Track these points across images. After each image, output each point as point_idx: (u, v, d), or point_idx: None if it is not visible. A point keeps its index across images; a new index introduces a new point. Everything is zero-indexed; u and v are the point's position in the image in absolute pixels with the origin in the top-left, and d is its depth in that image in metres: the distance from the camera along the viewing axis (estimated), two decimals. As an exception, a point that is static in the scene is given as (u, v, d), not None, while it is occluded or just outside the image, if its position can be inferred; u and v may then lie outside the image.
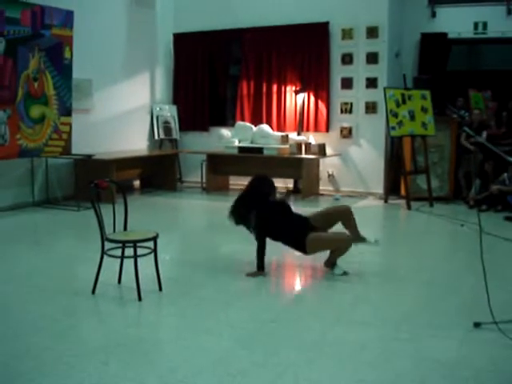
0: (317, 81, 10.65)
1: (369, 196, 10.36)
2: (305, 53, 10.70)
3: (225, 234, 7.55)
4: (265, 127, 10.72)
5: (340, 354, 3.75)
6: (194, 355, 3.73)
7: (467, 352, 3.80)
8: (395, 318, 4.41)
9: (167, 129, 11.63)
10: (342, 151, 10.62)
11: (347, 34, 10.42)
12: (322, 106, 10.65)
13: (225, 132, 10.96)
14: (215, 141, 11.09)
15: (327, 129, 10.67)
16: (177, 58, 11.94)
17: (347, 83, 10.53)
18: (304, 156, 10.03)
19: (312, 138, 10.68)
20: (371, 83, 10.33)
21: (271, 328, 4.24)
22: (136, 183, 11.29)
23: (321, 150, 10.15)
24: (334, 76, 10.61)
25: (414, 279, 5.51)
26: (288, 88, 10.90)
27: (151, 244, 4.88)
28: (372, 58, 10.28)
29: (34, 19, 8.20)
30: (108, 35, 10.23)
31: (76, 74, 9.02)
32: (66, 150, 8.99)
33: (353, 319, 4.42)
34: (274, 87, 11.01)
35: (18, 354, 3.71)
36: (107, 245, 4.85)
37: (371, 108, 10.37)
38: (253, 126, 10.85)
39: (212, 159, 10.89)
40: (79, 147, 9.18)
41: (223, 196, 10.61)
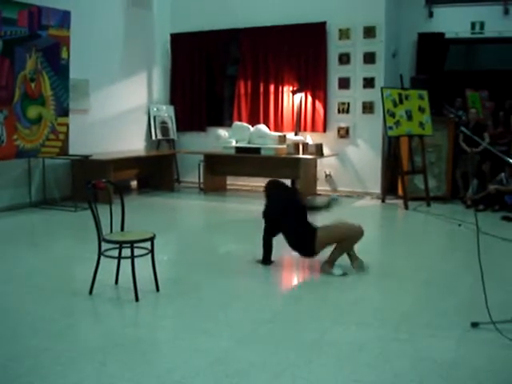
0: (314, 81, 10.65)
1: (366, 196, 10.36)
2: (302, 53, 10.69)
3: (222, 235, 7.55)
4: (262, 127, 10.71)
5: (338, 355, 3.74)
6: (192, 356, 3.72)
7: (465, 352, 3.80)
8: (393, 318, 4.41)
9: (164, 129, 11.62)
10: (340, 151, 10.62)
11: (344, 34, 10.43)
12: (320, 106, 10.65)
13: (222, 132, 10.95)
14: (212, 141, 11.08)
15: (324, 129, 10.67)
16: (174, 58, 11.92)
17: (344, 83, 10.54)
18: (301, 156, 10.03)
19: (309, 138, 10.68)
20: (368, 83, 10.33)
21: (269, 328, 4.24)
22: (133, 184, 11.27)
23: (318, 150, 10.15)
24: (331, 76, 10.61)
25: (412, 279, 5.51)
26: (285, 88, 10.90)
27: (148, 244, 4.87)
28: (369, 58, 10.29)
29: (31, 20, 8.18)
30: (105, 35, 10.21)
31: (73, 75, 9.00)
32: (63, 151, 8.97)
33: (351, 319, 4.41)
34: (272, 87, 11.01)
35: (16, 356, 3.70)
36: (104, 245, 4.85)
37: (368, 108, 10.37)
38: (250, 126, 10.84)
39: (209, 159, 10.88)
40: (76, 148, 9.16)
41: (220, 196, 10.62)
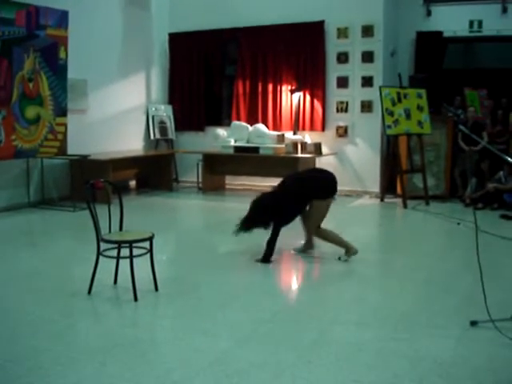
0: (312, 80, 10.65)
1: (365, 195, 10.36)
2: (300, 52, 10.69)
3: (221, 234, 7.54)
4: (261, 127, 10.70)
5: (338, 355, 3.74)
6: (191, 356, 3.72)
7: (464, 351, 3.80)
8: (393, 318, 4.40)
9: (163, 129, 11.61)
10: (338, 150, 10.62)
11: (342, 33, 10.42)
12: (318, 105, 10.65)
13: (221, 132, 10.95)
14: (211, 140, 11.08)
15: (323, 128, 10.67)
16: (172, 58, 11.92)
17: (343, 82, 10.53)
18: (300, 155, 10.03)
19: (308, 137, 10.67)
20: (367, 82, 10.33)
21: (269, 328, 4.23)
22: (132, 183, 11.27)
23: (317, 149, 10.15)
24: (330, 75, 10.60)
25: (411, 278, 5.50)
26: (284, 87, 10.90)
27: (147, 244, 4.87)
28: (367, 57, 10.28)
29: (29, 19, 8.17)
30: (103, 35, 10.20)
31: (71, 75, 9.00)
32: (62, 151, 8.96)
33: (350, 319, 4.41)
34: (270, 86, 11.01)
35: (16, 356, 3.69)
36: (103, 245, 4.84)
37: (367, 107, 10.37)
38: (249, 126, 10.83)
39: (208, 159, 10.88)
40: (75, 148, 9.15)
41: (219, 196, 10.61)
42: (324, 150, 10.39)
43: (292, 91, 10.75)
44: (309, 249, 6.44)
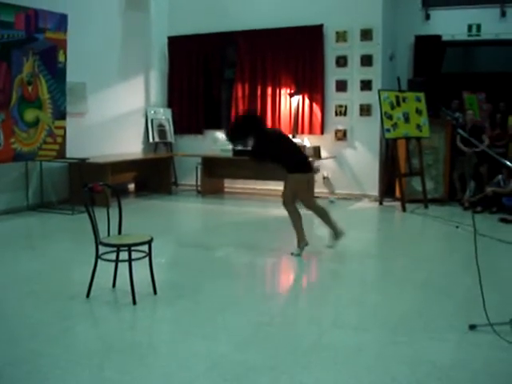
0: (311, 83, 10.66)
1: (364, 198, 10.36)
2: (299, 55, 10.71)
3: (220, 237, 7.54)
4: (260, 130, 10.69)
5: (336, 358, 3.74)
6: (190, 360, 3.71)
7: (463, 354, 3.79)
8: (391, 321, 4.40)
9: (162, 132, 11.61)
10: (337, 154, 10.62)
11: (341, 37, 10.44)
12: (317, 109, 10.66)
13: (220, 135, 10.95)
14: (210, 144, 11.09)
15: (322, 131, 10.68)
16: (171, 61, 11.93)
17: (342, 86, 10.54)
18: (299, 159, 10.01)
19: (307, 141, 10.67)
20: (366, 86, 10.34)
21: (267, 332, 4.23)
22: (131, 186, 11.26)
23: (316, 153, 10.15)
24: (329, 78, 10.62)
25: (410, 281, 5.50)
26: (282, 91, 10.91)
27: (146, 248, 4.87)
28: (366, 61, 10.30)
29: (28, 23, 8.17)
30: (102, 38, 10.20)
31: (70, 78, 9.00)
32: (61, 154, 8.96)
33: (349, 322, 4.41)
34: (269, 90, 11.02)
35: (14, 360, 3.69)
36: (102, 249, 4.84)
37: (366, 110, 10.38)
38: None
39: (207, 162, 10.87)
40: (74, 151, 9.14)
41: (218, 199, 10.61)
42: (323, 154, 10.40)
43: (291, 94, 10.76)
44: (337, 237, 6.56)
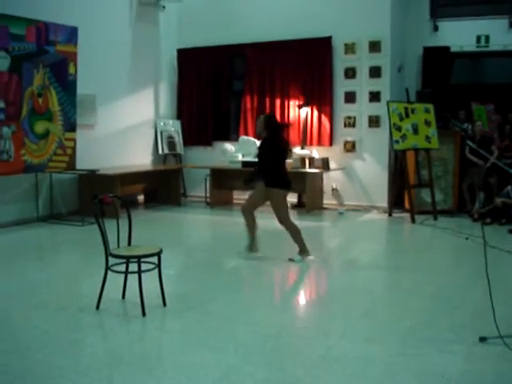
0: (320, 95, 10.69)
1: (373, 209, 10.34)
2: (308, 67, 10.74)
3: (229, 249, 7.54)
4: (268, 141, 10.71)
5: (345, 370, 3.73)
6: (198, 372, 3.71)
7: (473, 367, 3.77)
8: (400, 333, 4.39)
9: (171, 144, 11.66)
10: (346, 165, 10.63)
11: (350, 49, 10.47)
12: (326, 120, 10.67)
13: (229, 147, 10.99)
14: (219, 155, 11.12)
15: (331, 143, 10.69)
16: (181, 73, 11.99)
17: (350, 97, 10.56)
18: (308, 170, 10.04)
19: (315, 152, 10.69)
20: (374, 97, 10.35)
21: (275, 344, 4.22)
22: (140, 198, 11.30)
23: (324, 164, 10.17)
24: (337, 90, 10.64)
25: (419, 293, 5.49)
26: (291, 102, 10.93)
27: (155, 259, 4.88)
28: (375, 72, 10.32)
29: (39, 35, 8.25)
30: (112, 51, 10.28)
31: (80, 90, 9.07)
32: (71, 166, 9.01)
33: (358, 334, 4.40)
34: (278, 102, 11.05)
35: (23, 372, 3.70)
36: (111, 260, 4.86)
37: (374, 122, 10.39)
38: (256, 141, 10.86)
39: (216, 174, 10.90)
40: (83, 162, 9.19)
41: (227, 211, 10.61)
42: (332, 165, 10.41)
43: (300, 106, 10.78)
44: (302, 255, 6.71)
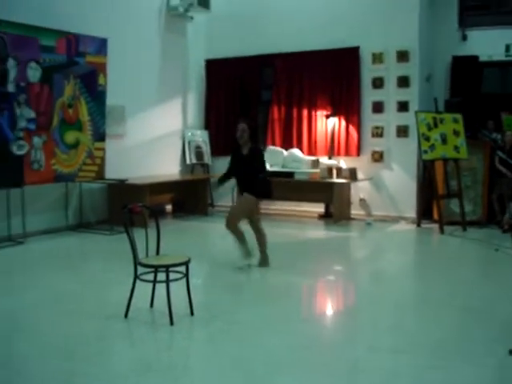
0: (347, 105, 10.67)
1: (401, 220, 10.27)
2: (335, 77, 10.74)
3: (255, 259, 7.54)
4: (296, 152, 10.74)
5: (373, 382, 3.70)
6: (225, 382, 3.72)
7: (502, 380, 3.73)
8: (429, 345, 4.34)
9: (199, 153, 11.72)
10: (374, 175, 10.58)
11: (378, 58, 10.44)
12: (353, 130, 10.65)
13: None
14: (246, 165, 11.12)
15: (358, 153, 10.65)
16: (209, 84, 12.07)
17: (378, 107, 10.53)
18: (335, 180, 10.02)
19: (343, 163, 10.65)
20: (402, 107, 10.30)
21: (303, 354, 4.21)
22: (168, 208, 11.36)
23: (352, 174, 10.13)
24: (365, 100, 10.61)
25: (448, 305, 5.43)
26: (319, 112, 10.93)
27: (183, 268, 4.91)
28: (403, 82, 10.27)
29: (69, 47, 8.38)
30: (141, 62, 10.39)
31: (109, 100, 9.18)
32: (100, 175, 9.11)
33: (386, 346, 4.36)
34: (305, 112, 11.05)
35: (52, 379, 3.74)
36: (140, 269, 4.89)
37: (403, 132, 10.33)
38: (284, 151, 10.88)
39: (243, 183, 10.91)
40: (112, 172, 9.29)
41: (254, 220, 10.60)
42: (359, 175, 10.37)
43: (327, 116, 10.77)
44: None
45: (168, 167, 11.35)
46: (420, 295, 6.02)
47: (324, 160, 10.56)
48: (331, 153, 10.78)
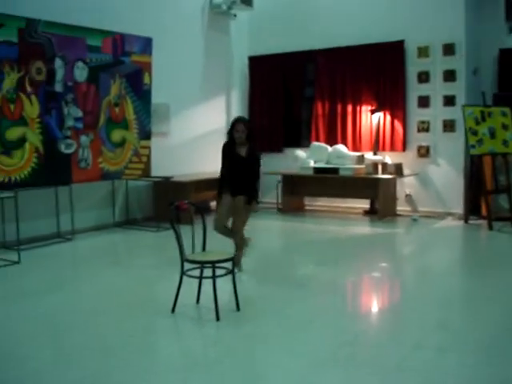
0: (392, 100, 10.55)
1: (448, 216, 10.11)
2: (380, 72, 10.62)
3: (301, 255, 7.55)
4: (340, 147, 10.67)
5: (420, 380, 3.66)
6: (270, 377, 3.72)
7: (556, 379, 3.64)
8: (478, 344, 4.27)
9: (243, 150, 11.73)
10: (420, 171, 10.44)
11: (423, 52, 10.29)
12: (398, 125, 10.53)
13: (300, 153, 10.98)
14: (289, 162, 11.11)
15: (404, 148, 10.53)
16: (252, 81, 12.08)
17: (424, 101, 10.38)
18: (380, 176, 9.93)
19: (388, 158, 10.55)
20: (449, 101, 10.13)
21: (349, 351, 4.19)
22: (212, 204, 11.41)
23: (398, 170, 10.02)
24: (410, 94, 10.48)
25: (497, 302, 5.32)
26: (363, 108, 10.84)
27: (229, 264, 4.94)
28: (449, 76, 10.11)
29: (115, 47, 8.50)
30: (184, 60, 10.48)
31: (154, 99, 9.28)
32: (146, 173, 9.22)
33: (433, 344, 4.30)
34: (349, 107, 10.97)
35: (101, 372, 3.81)
36: (186, 265, 4.94)
37: (449, 126, 10.16)
38: (328, 147, 10.83)
39: (287, 180, 10.93)
40: (158, 169, 9.38)
41: (299, 217, 10.61)
42: (405, 171, 10.24)
43: (372, 111, 10.68)
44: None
45: (212, 164, 11.35)
46: (467, 293, 5.92)
47: (369, 156, 10.48)
48: (376, 148, 10.68)
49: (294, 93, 11.82)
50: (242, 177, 6.27)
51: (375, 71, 10.66)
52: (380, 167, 10.00)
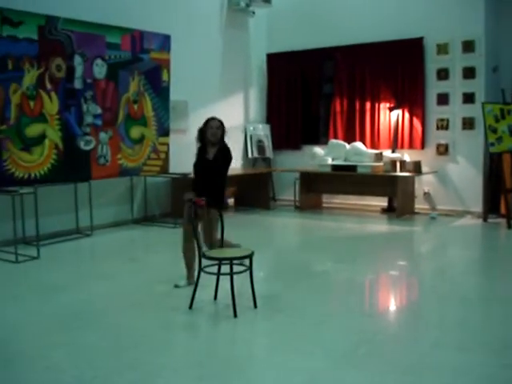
0: (411, 97, 10.49)
1: (467, 215, 10.04)
2: (399, 69, 10.56)
3: (319, 253, 7.54)
4: (358, 145, 10.64)
5: (439, 379, 3.64)
6: (287, 375, 3.72)
7: None
8: (497, 343, 4.23)
9: (261, 148, 11.76)
10: (439, 168, 10.37)
11: (442, 49, 10.22)
12: (417, 123, 10.47)
13: (318, 150, 10.96)
14: (307, 159, 11.10)
15: (422, 146, 10.47)
16: (270, 78, 12.08)
17: (443, 99, 10.31)
18: (399, 174, 9.88)
19: (407, 156, 10.49)
20: (468, 98, 10.05)
21: (366, 349, 4.17)
22: (230, 201, 11.44)
23: (416, 168, 9.97)
24: (429, 92, 10.41)
25: (517, 301, 5.29)
26: (382, 105, 10.79)
27: (247, 261, 4.95)
28: (469, 73, 10.02)
29: (134, 44, 8.54)
30: (203, 57, 10.50)
31: (173, 96, 9.30)
32: (164, 169, 9.25)
33: (452, 343, 4.28)
34: (368, 104, 10.93)
35: (118, 369, 3.83)
36: (204, 261, 4.95)
37: (468, 124, 10.08)
38: (346, 144, 10.79)
39: (305, 177, 10.91)
40: (176, 166, 9.40)
41: (316, 214, 10.60)
42: (424, 169, 10.18)
43: (390, 109, 10.62)
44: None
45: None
46: (486, 292, 5.87)
47: (387, 153, 10.43)
48: (395, 146, 10.63)
49: (312, 90, 11.80)
50: (209, 181, 5.72)
51: (394, 68, 10.61)
52: (398, 165, 9.95)
